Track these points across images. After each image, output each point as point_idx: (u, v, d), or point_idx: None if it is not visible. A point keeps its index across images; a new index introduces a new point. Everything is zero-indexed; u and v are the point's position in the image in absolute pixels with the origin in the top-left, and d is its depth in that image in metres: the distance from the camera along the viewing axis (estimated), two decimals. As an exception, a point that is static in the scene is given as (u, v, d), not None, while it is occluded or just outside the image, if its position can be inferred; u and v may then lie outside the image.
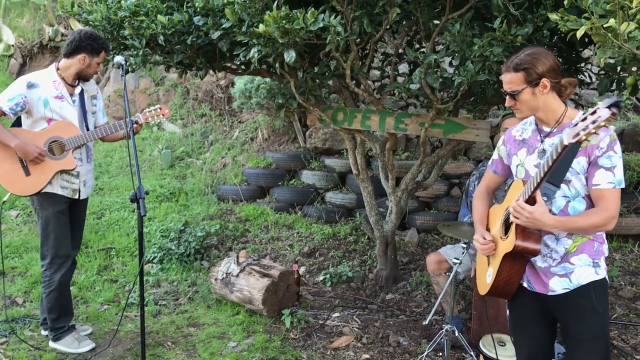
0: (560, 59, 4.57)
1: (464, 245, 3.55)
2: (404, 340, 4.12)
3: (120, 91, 9.04)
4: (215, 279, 4.57)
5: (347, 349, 4.00)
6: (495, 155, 2.71)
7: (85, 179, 3.88)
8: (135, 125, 3.84)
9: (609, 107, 2.05)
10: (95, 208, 6.31)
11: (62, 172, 3.71)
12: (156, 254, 5.41)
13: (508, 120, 3.82)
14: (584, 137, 2.00)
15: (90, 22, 4.25)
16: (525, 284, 2.52)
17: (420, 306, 4.70)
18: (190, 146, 7.72)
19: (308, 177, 6.68)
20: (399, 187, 4.87)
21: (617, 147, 2.30)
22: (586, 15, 2.72)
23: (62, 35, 9.54)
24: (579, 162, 2.30)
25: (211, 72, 4.90)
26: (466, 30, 3.46)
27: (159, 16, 4.01)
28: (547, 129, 2.42)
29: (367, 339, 4.13)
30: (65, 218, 3.81)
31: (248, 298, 4.33)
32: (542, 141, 2.42)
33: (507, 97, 2.41)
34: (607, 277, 2.45)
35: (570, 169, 2.30)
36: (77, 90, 3.81)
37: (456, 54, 3.55)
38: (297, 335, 4.14)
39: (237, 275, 4.42)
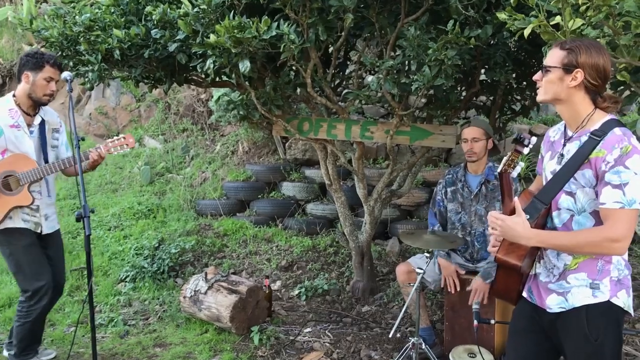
0: (533, 61, 4.49)
1: (427, 255, 3.44)
2: (375, 354, 4.00)
3: (101, 109, 8.99)
4: (184, 297, 4.46)
5: (317, 365, 3.89)
6: (539, 155, 2.50)
7: (46, 212, 3.67)
8: (95, 158, 3.62)
9: (513, 142, 2.04)
10: (71, 227, 6.21)
11: (20, 206, 3.52)
12: (129, 273, 5.30)
13: (467, 130, 3.72)
14: (506, 167, 2.03)
15: (48, 39, 4.17)
16: (526, 295, 2.37)
17: (396, 318, 4.54)
18: (171, 161, 7.64)
19: (288, 188, 6.58)
20: (371, 196, 4.76)
21: (633, 161, 2.00)
22: (534, 13, 2.64)
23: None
24: (585, 175, 2.10)
25: (193, 86, 4.88)
26: (422, 34, 3.37)
27: (114, 30, 3.93)
28: (570, 133, 2.21)
29: (338, 354, 4.01)
30: (36, 249, 3.60)
31: (216, 316, 4.21)
32: (564, 145, 2.22)
33: (540, 71, 2.18)
34: (615, 301, 2.13)
35: (574, 181, 2.13)
36: (37, 120, 3.61)
37: (413, 59, 3.45)
38: (266, 353, 4.02)
39: (206, 293, 4.31)
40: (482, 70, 4.09)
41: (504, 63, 3.79)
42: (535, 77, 2.22)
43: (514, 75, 4.28)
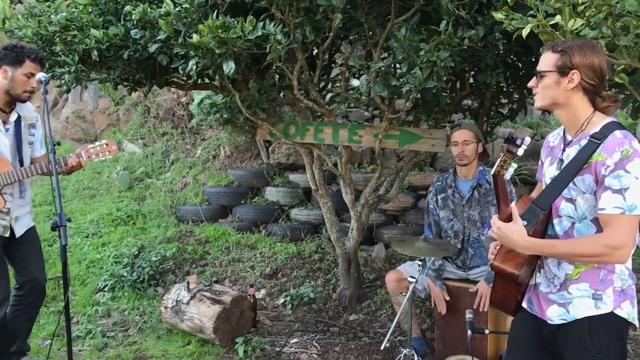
0: (519, 64, 4.42)
1: (420, 263, 3.33)
2: (365, 365, 3.88)
3: (79, 112, 8.77)
4: (166, 307, 4.29)
5: (305, 377, 3.75)
6: (539, 162, 2.40)
7: (17, 214, 3.48)
8: (74, 165, 3.45)
9: (505, 142, 1.95)
10: (47, 235, 5.98)
11: None
12: (107, 282, 5.11)
13: (458, 133, 3.62)
14: (499, 168, 1.94)
15: (22, 39, 3.99)
16: (525, 305, 2.26)
17: (384, 326, 4.46)
18: (151, 166, 7.44)
19: (272, 194, 6.43)
20: (358, 201, 4.65)
21: (634, 165, 1.91)
22: (532, 12, 2.55)
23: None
24: (584, 180, 2.00)
25: (173, 89, 4.71)
26: (412, 35, 3.27)
27: (92, 30, 3.77)
28: (569, 137, 2.12)
29: (326, 366, 3.89)
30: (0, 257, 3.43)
31: (199, 327, 4.05)
32: (563, 150, 2.13)
33: (535, 77, 2.09)
34: (618, 312, 2.03)
35: (573, 186, 2.03)
36: (13, 117, 3.42)
37: (403, 61, 3.35)
38: (251, 365, 3.89)
39: (188, 303, 4.15)
40: (472, 73, 4.00)
41: (495, 65, 3.71)
42: (530, 84, 2.12)
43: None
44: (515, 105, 4.76)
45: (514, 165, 2.09)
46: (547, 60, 2.04)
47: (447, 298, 3.62)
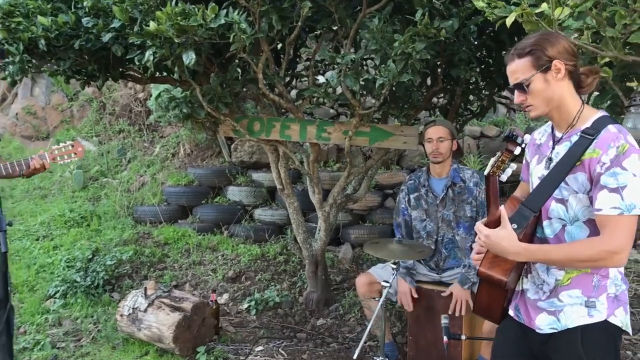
0: (490, 60, 4.30)
1: (393, 266, 3.15)
2: (334, 373, 3.69)
3: (29, 108, 8.33)
4: (121, 315, 4.02)
5: (271, 388, 3.55)
6: (524, 161, 2.23)
7: None
8: (38, 167, 3.18)
9: (504, 140, 1.78)
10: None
11: None
12: (59, 288, 4.79)
13: (432, 129, 3.47)
14: (495, 169, 1.82)
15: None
16: (512, 313, 2.11)
17: (353, 331, 4.28)
18: (106, 165, 7.10)
19: (234, 193, 6.20)
20: (326, 201, 4.46)
21: (631, 162, 1.77)
22: (516, 1, 2.40)
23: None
24: (577, 179, 1.87)
25: (130, 85, 4.42)
26: (386, 25, 3.09)
27: (39, 17, 3.48)
28: (559, 134, 1.98)
29: (294, 375, 3.68)
30: None
31: (157, 336, 3.80)
32: (552, 149, 1.98)
33: (516, 92, 1.92)
34: (612, 320, 1.90)
35: (565, 186, 1.88)
36: None
37: (376, 53, 3.17)
38: (214, 376, 3.65)
39: (145, 310, 3.89)
40: (444, 68, 3.86)
41: (469, 60, 3.57)
42: (518, 100, 1.94)
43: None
44: (485, 102, 4.65)
45: (513, 166, 1.90)
46: (520, 68, 1.89)
47: (415, 295, 3.46)
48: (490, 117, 7.19)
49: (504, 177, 1.93)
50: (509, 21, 2.32)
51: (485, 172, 1.94)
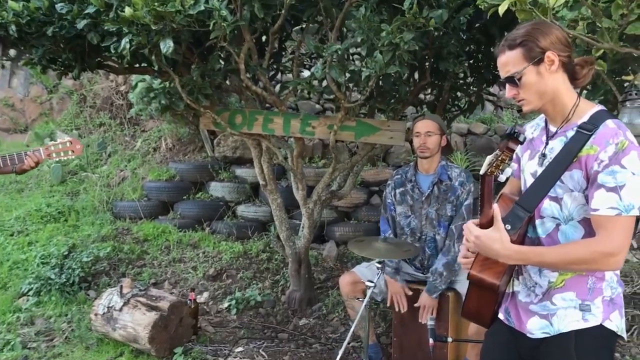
0: (479, 55, 4.20)
1: (378, 266, 3.04)
2: (316, 375, 3.57)
3: (7, 100, 8.12)
4: (96, 315, 3.87)
5: (251, 390, 3.42)
6: (514, 156, 2.13)
7: None
8: (32, 165, 3.05)
9: (506, 137, 1.66)
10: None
11: None
12: (32, 285, 4.62)
13: (420, 123, 3.36)
14: (493, 168, 1.71)
15: None
16: (502, 316, 2.00)
17: (336, 331, 4.17)
18: (86, 159, 6.92)
19: (217, 189, 6.06)
20: (310, 198, 4.33)
21: (630, 159, 1.67)
22: (508, -11, 2.29)
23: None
24: (573, 177, 1.76)
25: (111, 77, 4.27)
26: (373, 15, 2.97)
27: (10, 2, 3.32)
28: (553, 129, 1.87)
29: (274, 377, 3.56)
30: None
31: (133, 336, 3.65)
32: (546, 144, 1.88)
33: (508, 85, 1.82)
34: (607, 325, 1.81)
35: (560, 184, 1.77)
36: None
37: (363, 43, 3.04)
38: (192, 378, 3.52)
39: (121, 310, 3.74)
40: (432, 61, 3.74)
41: (458, 53, 3.46)
42: (510, 95, 1.83)
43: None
44: (473, 99, 4.55)
45: (514, 166, 1.77)
46: (511, 60, 1.79)
47: (409, 293, 3.36)
48: (478, 114, 7.11)
49: (502, 178, 1.79)
50: (501, 9, 2.21)
51: (482, 172, 1.81)
